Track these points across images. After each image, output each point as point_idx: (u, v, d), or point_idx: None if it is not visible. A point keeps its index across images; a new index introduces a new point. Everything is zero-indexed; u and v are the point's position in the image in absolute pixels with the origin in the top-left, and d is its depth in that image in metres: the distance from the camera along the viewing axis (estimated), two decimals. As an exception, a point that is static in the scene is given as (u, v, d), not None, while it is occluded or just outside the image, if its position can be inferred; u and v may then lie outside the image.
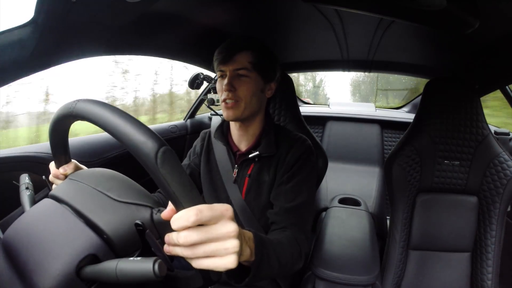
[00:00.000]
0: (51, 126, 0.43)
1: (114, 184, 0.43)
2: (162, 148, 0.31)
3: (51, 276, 0.32)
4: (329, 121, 1.96)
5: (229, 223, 0.35)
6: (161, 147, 0.31)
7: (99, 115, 0.34)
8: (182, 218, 0.32)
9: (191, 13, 0.84)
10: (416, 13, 0.61)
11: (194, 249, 0.34)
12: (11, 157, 0.85)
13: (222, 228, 0.34)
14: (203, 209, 0.32)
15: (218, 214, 0.34)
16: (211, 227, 0.34)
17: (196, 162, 0.90)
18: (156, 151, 0.31)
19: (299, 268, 0.66)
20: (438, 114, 1.01)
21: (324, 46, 1.12)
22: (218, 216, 0.34)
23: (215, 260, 0.34)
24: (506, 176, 0.97)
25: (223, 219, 0.35)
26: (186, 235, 0.33)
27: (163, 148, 0.31)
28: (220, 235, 0.34)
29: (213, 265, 0.34)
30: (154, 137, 0.32)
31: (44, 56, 0.61)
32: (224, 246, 0.34)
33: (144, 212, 0.39)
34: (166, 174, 0.31)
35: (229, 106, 0.73)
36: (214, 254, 0.34)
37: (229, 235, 0.35)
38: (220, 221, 0.34)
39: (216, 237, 0.34)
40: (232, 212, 0.36)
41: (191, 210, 0.32)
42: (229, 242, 0.35)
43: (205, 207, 0.33)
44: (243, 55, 0.73)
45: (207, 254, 0.34)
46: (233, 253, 0.35)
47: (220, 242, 0.34)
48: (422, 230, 1.06)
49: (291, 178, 0.75)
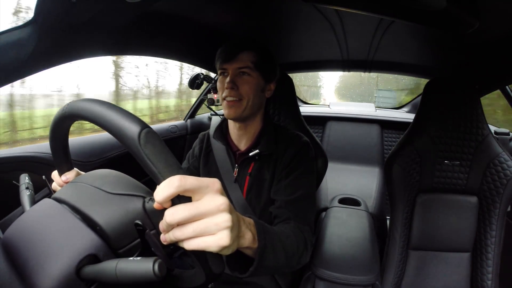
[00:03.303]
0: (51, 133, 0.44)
1: (108, 179, 0.43)
2: (144, 130, 0.32)
3: (51, 276, 0.32)
4: (329, 121, 1.96)
5: (217, 196, 0.33)
6: (144, 129, 0.32)
7: (87, 110, 0.35)
8: (166, 185, 0.30)
9: (192, 14, 0.84)
10: (416, 13, 0.61)
11: (183, 228, 0.31)
12: (11, 157, 0.85)
13: (210, 202, 0.32)
14: (187, 177, 0.31)
15: (204, 185, 0.32)
16: (198, 202, 0.32)
17: (196, 165, 0.90)
18: (138, 133, 0.31)
19: (306, 261, 0.65)
20: (438, 114, 1.00)
21: (324, 46, 1.12)
22: (204, 188, 0.32)
23: (207, 238, 0.32)
24: (506, 176, 0.97)
25: (211, 192, 0.32)
26: (172, 211, 0.31)
27: (146, 129, 0.32)
28: (208, 210, 0.32)
29: (204, 244, 0.32)
30: (135, 120, 0.32)
31: (44, 56, 0.61)
32: (214, 221, 0.32)
33: (136, 202, 0.39)
34: (150, 154, 0.31)
35: (230, 105, 0.74)
36: (204, 231, 0.32)
37: (219, 209, 0.32)
38: (207, 194, 0.32)
39: (205, 211, 0.31)
40: (220, 185, 0.34)
41: (175, 177, 0.30)
42: (220, 217, 0.32)
43: (190, 176, 0.31)
44: (246, 54, 0.74)
45: (197, 233, 0.31)
46: (225, 228, 0.32)
47: (209, 218, 0.32)
48: (422, 230, 1.06)
49: (290, 173, 0.75)
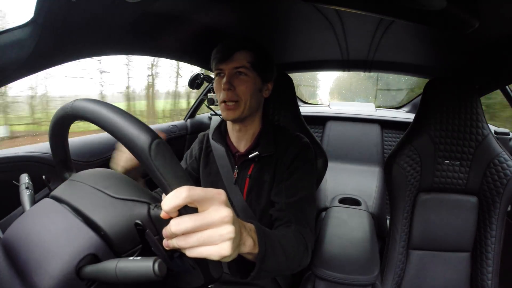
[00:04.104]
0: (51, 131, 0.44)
1: (112, 182, 0.43)
2: (155, 141, 0.31)
3: (51, 275, 0.32)
4: (329, 121, 1.96)
5: (223, 207, 0.33)
6: (154, 140, 0.31)
7: (95, 112, 0.35)
8: (174, 196, 0.31)
9: (192, 13, 0.84)
10: (416, 13, 0.60)
11: (187, 237, 0.32)
12: (11, 157, 0.85)
13: (215, 214, 0.33)
14: (195, 188, 0.31)
15: (210, 196, 0.33)
16: (204, 213, 0.32)
17: (194, 167, 0.90)
18: (149, 144, 0.31)
19: (306, 264, 0.65)
20: (438, 114, 1.00)
21: (324, 46, 1.12)
22: (210, 199, 0.33)
23: (209, 247, 0.32)
24: (506, 176, 0.97)
25: (216, 204, 0.33)
26: (178, 221, 0.31)
27: (156, 140, 0.32)
28: (213, 221, 0.32)
29: (206, 252, 0.32)
30: (147, 130, 0.32)
31: (44, 56, 0.61)
32: (219, 233, 0.32)
33: (141, 208, 0.39)
34: (160, 166, 0.31)
35: (228, 107, 0.73)
36: (208, 241, 0.32)
37: (223, 221, 0.33)
38: (212, 206, 0.33)
39: (209, 223, 0.32)
40: (225, 196, 0.35)
41: (183, 187, 0.31)
42: (224, 228, 0.33)
43: (198, 187, 0.32)
44: (242, 54, 0.73)
45: (200, 242, 0.32)
46: (228, 239, 0.33)
47: (213, 229, 0.32)
48: (422, 230, 1.06)
49: (291, 175, 0.75)
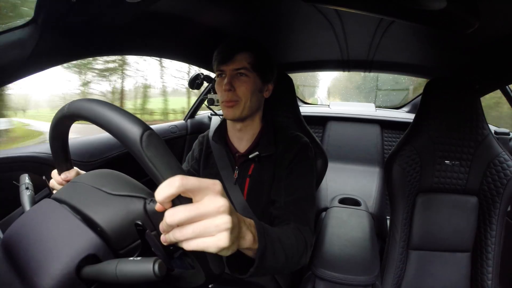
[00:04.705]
0: (51, 133, 0.44)
1: (109, 180, 0.43)
2: (146, 132, 0.31)
3: (51, 276, 0.32)
4: (329, 121, 1.96)
5: (218, 197, 0.33)
6: (146, 131, 0.31)
7: (88, 110, 0.35)
8: (167, 185, 0.30)
9: (192, 13, 0.84)
10: (416, 13, 0.60)
11: (183, 229, 0.31)
12: (11, 157, 0.85)
13: (210, 203, 0.32)
14: (188, 177, 0.30)
15: (205, 186, 0.32)
16: (199, 203, 0.32)
17: (196, 168, 0.90)
18: (140, 135, 0.31)
19: (305, 263, 0.65)
20: (438, 114, 1.00)
21: (324, 46, 1.12)
22: (205, 188, 0.32)
23: (206, 239, 0.32)
24: (506, 176, 0.97)
25: (211, 194, 0.32)
26: (172, 212, 0.31)
27: (148, 131, 0.31)
28: (208, 211, 0.31)
29: (203, 244, 0.32)
30: (138, 122, 0.32)
31: (44, 56, 0.61)
32: (215, 223, 0.32)
33: (137, 203, 0.39)
34: (152, 156, 0.31)
35: (229, 106, 0.74)
36: (204, 232, 0.31)
37: (218, 210, 0.32)
38: (207, 196, 0.32)
39: (204, 213, 0.31)
40: (221, 186, 0.34)
41: (176, 177, 0.30)
42: (219, 218, 0.32)
43: (191, 177, 0.31)
44: (242, 55, 0.73)
45: (196, 234, 0.31)
46: (224, 229, 0.32)
47: (209, 219, 0.32)
48: (422, 230, 1.06)
49: (290, 173, 0.75)
